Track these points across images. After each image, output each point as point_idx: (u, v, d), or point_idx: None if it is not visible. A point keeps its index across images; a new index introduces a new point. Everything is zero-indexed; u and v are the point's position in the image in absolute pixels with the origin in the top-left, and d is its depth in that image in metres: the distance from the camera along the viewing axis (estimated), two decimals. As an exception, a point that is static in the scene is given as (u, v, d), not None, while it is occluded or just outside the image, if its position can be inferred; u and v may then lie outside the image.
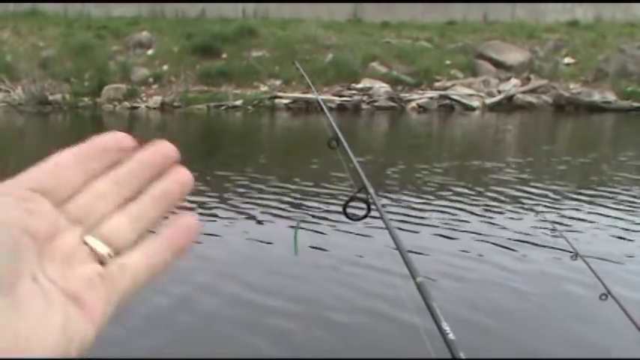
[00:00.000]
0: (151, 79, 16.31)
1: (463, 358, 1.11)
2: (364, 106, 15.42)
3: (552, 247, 4.46)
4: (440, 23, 20.36)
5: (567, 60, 17.81)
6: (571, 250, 2.55)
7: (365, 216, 1.68)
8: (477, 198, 6.41)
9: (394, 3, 20.60)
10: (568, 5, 21.13)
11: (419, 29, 19.59)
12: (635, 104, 15.40)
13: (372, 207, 1.69)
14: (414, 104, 15.45)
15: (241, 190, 6.81)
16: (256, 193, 6.65)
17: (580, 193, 6.69)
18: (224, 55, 17.36)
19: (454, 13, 21.20)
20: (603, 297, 2.17)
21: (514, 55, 17.39)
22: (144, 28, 18.25)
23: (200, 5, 20.21)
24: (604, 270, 2.70)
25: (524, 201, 6.24)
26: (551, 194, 6.61)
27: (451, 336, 1.14)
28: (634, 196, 6.57)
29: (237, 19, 19.59)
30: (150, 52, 17.33)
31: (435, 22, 20.32)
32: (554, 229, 3.09)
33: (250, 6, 20.74)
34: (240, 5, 20.55)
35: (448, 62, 17.42)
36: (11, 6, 19.01)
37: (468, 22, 20.73)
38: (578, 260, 2.47)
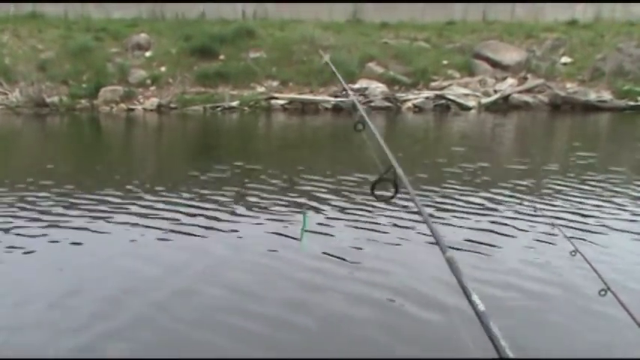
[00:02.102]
0: (148, 81, 16.37)
1: (493, 328, 1.12)
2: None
3: (552, 244, 4.50)
4: (439, 23, 20.38)
5: (564, 59, 17.80)
6: (570, 246, 2.55)
7: (393, 196, 1.73)
8: (476, 196, 6.43)
9: (394, 3, 20.63)
10: (568, 4, 21.12)
11: (417, 29, 19.61)
12: (631, 103, 15.39)
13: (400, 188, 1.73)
14: (409, 104, 15.47)
15: (268, 185, 6.96)
16: (279, 187, 6.73)
17: (579, 190, 6.71)
18: (222, 57, 17.41)
19: (454, 13, 21.22)
20: (602, 293, 2.17)
21: (511, 55, 17.40)
22: (142, 30, 18.32)
23: (200, 7, 20.28)
24: (603, 266, 2.69)
25: (524, 198, 6.27)
26: (550, 191, 6.63)
27: (481, 307, 1.15)
28: (632, 193, 6.58)
29: (236, 20, 19.66)
30: (148, 53, 17.40)
31: (434, 22, 20.34)
32: (553, 226, 3.10)
33: (250, 8, 20.81)
34: (239, 6, 20.61)
35: (445, 62, 17.44)
36: (12, 9, 19.13)
37: (467, 21, 20.75)
38: (577, 256, 2.48)
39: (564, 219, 5.41)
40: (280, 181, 7.23)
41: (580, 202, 6.16)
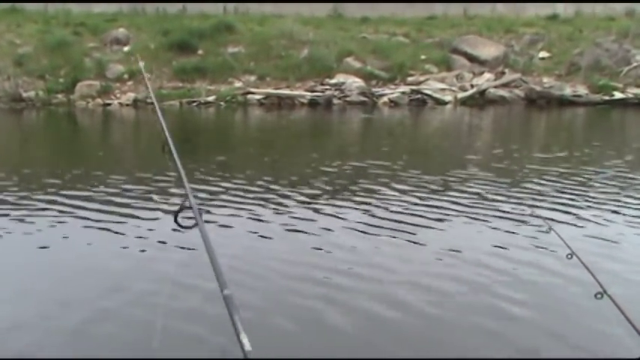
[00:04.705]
0: (125, 76, 16.36)
1: None
2: (336, 101, 15.47)
3: (548, 246, 4.40)
4: (419, 18, 20.42)
5: (542, 54, 17.86)
6: (566, 248, 2.53)
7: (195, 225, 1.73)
8: (466, 196, 6.19)
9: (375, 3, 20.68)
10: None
11: (397, 24, 19.65)
12: (606, 98, 15.47)
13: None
14: (385, 99, 15.51)
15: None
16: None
17: (574, 190, 6.49)
18: (200, 52, 17.42)
19: (435, 8, 21.27)
20: (599, 295, 2.16)
21: (488, 50, 17.46)
22: (121, 25, 18.31)
23: (181, 2, 20.27)
24: (599, 268, 2.67)
25: (516, 198, 6.01)
26: (543, 191, 6.40)
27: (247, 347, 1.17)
28: (629, 194, 6.39)
29: (217, 15, 19.64)
30: (126, 48, 17.39)
31: (415, 17, 20.38)
32: (549, 228, 3.05)
33: (231, 3, 20.80)
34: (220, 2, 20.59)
35: (423, 57, 17.47)
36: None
37: (448, 16, 20.79)
38: (573, 259, 2.46)
39: (560, 220, 5.14)
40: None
41: (577, 203, 5.91)
